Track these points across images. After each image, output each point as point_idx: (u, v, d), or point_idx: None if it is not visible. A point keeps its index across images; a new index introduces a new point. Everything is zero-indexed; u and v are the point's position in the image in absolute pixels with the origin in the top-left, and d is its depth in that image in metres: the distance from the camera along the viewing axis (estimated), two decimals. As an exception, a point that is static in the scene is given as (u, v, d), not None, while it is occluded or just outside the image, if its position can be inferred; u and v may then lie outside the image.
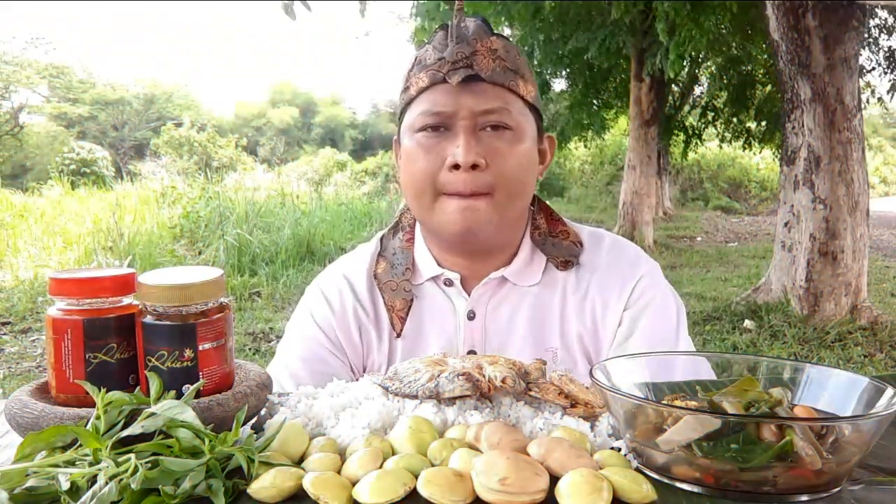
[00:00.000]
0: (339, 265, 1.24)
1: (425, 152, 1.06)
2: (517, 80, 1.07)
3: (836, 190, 5.29)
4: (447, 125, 1.05)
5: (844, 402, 0.71)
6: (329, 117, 38.49)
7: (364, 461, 0.65)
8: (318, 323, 1.17)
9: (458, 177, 1.03)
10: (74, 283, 0.72)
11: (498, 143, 1.05)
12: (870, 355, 4.80)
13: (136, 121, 31.95)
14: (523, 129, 1.08)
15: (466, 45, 1.05)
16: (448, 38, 1.07)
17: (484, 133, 1.05)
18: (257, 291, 6.80)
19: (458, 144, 1.03)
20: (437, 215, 1.07)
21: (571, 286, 1.15)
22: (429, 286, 1.17)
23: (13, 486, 0.61)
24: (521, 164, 1.07)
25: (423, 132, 1.07)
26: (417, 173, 1.07)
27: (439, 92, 1.06)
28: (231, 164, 22.62)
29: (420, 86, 1.07)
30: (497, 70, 1.05)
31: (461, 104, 1.04)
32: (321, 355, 1.15)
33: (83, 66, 32.37)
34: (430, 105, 1.06)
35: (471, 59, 1.04)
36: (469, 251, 1.13)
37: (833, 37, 5.20)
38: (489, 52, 1.06)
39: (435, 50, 1.07)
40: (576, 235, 1.18)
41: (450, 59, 1.05)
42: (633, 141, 10.14)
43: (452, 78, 1.03)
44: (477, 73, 1.04)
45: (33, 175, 23.67)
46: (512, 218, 1.10)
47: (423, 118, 1.06)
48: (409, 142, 1.09)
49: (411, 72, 1.10)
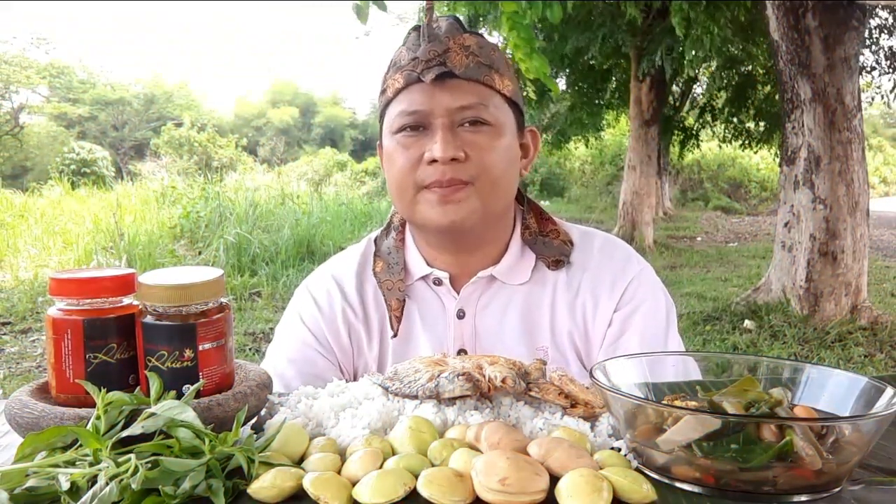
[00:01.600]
0: (328, 266, 1.24)
1: (405, 150, 1.07)
2: (492, 74, 1.08)
3: (836, 190, 5.29)
4: (425, 124, 1.06)
5: (844, 402, 0.71)
6: (329, 117, 38.49)
7: (364, 461, 0.65)
8: (306, 324, 1.17)
9: (436, 168, 1.04)
10: (74, 284, 0.73)
11: (476, 138, 1.05)
12: (870, 355, 4.80)
13: (136, 121, 31.95)
14: (502, 123, 1.08)
15: (439, 43, 1.06)
16: (420, 37, 1.07)
17: (462, 129, 1.06)
18: (257, 291, 6.80)
19: (435, 140, 1.04)
20: (420, 210, 1.08)
21: (562, 285, 1.15)
22: (419, 286, 1.17)
23: (13, 486, 0.61)
24: (501, 157, 1.07)
25: (401, 132, 1.07)
26: (398, 171, 1.08)
27: (415, 91, 1.06)
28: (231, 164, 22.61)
29: (396, 87, 1.08)
30: (471, 66, 1.06)
31: (436, 102, 1.05)
32: (309, 356, 1.15)
33: (83, 66, 32.32)
34: (407, 105, 1.06)
35: (444, 57, 1.05)
36: (457, 248, 1.14)
37: (833, 37, 5.20)
38: (462, 48, 1.06)
39: (408, 50, 1.08)
40: (566, 235, 1.18)
41: (423, 58, 1.05)
42: (633, 141, 10.14)
43: (426, 76, 1.04)
44: (450, 69, 1.04)
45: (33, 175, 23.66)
46: (496, 211, 1.11)
47: (401, 118, 1.07)
48: (389, 143, 1.10)
49: (387, 74, 1.11)
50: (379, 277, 1.17)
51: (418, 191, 1.07)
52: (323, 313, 1.17)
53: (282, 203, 10.11)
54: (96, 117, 30.99)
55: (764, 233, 13.09)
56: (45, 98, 29.39)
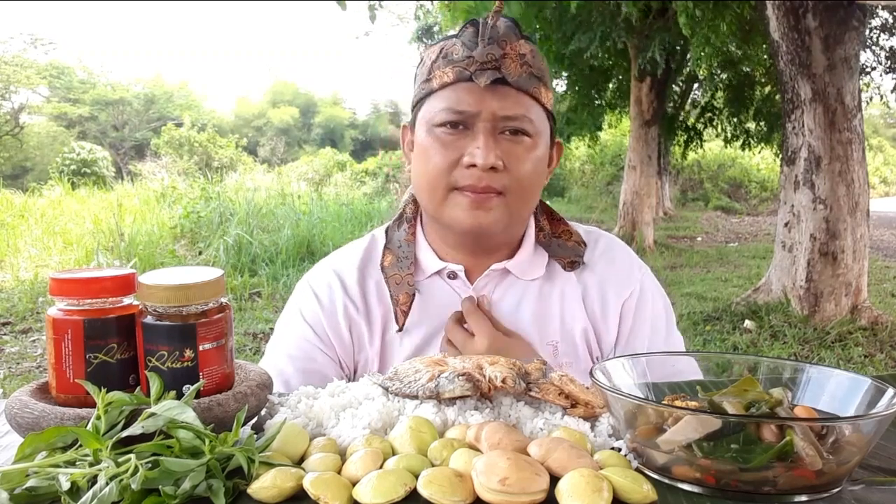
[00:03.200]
0: (329, 260, 1.23)
1: (443, 148, 1.06)
2: (540, 87, 1.08)
3: (836, 190, 5.29)
4: (467, 124, 1.05)
5: (844, 402, 0.71)
6: (329, 117, 38.48)
7: (364, 461, 0.65)
8: (306, 319, 1.17)
9: (472, 173, 1.04)
10: (75, 284, 0.72)
11: (516, 149, 1.05)
12: (870, 355, 4.80)
13: (136, 121, 31.95)
14: (540, 136, 1.08)
15: (497, 46, 1.04)
16: (479, 36, 1.05)
17: (503, 136, 1.05)
18: (257, 291, 6.80)
19: (477, 145, 1.03)
20: (448, 210, 1.07)
21: (571, 283, 1.17)
22: (432, 281, 1.17)
23: (13, 486, 0.61)
24: (535, 170, 1.08)
25: (442, 128, 1.06)
26: (433, 169, 1.06)
27: (464, 90, 1.05)
28: (231, 164, 22.61)
29: (444, 80, 1.06)
30: (523, 76, 1.05)
31: (485, 106, 1.04)
32: (309, 352, 1.14)
33: (83, 66, 32.32)
34: (454, 102, 1.05)
35: (500, 62, 1.04)
36: (474, 247, 1.14)
37: (833, 37, 5.20)
38: (518, 56, 1.05)
39: (464, 46, 1.06)
40: (578, 235, 1.20)
41: (479, 59, 1.04)
42: (633, 141, 10.14)
43: (480, 79, 1.02)
44: (504, 76, 1.03)
45: (34, 175, 23.68)
46: (520, 219, 1.12)
47: (445, 114, 1.05)
48: (425, 135, 1.08)
49: (435, 63, 1.09)
50: (386, 272, 1.16)
51: (450, 191, 1.06)
52: (323, 308, 1.17)
53: (282, 203, 10.11)
54: (96, 117, 30.99)
55: (764, 233, 13.09)
56: (45, 98, 29.40)
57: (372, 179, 20.36)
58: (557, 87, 11.53)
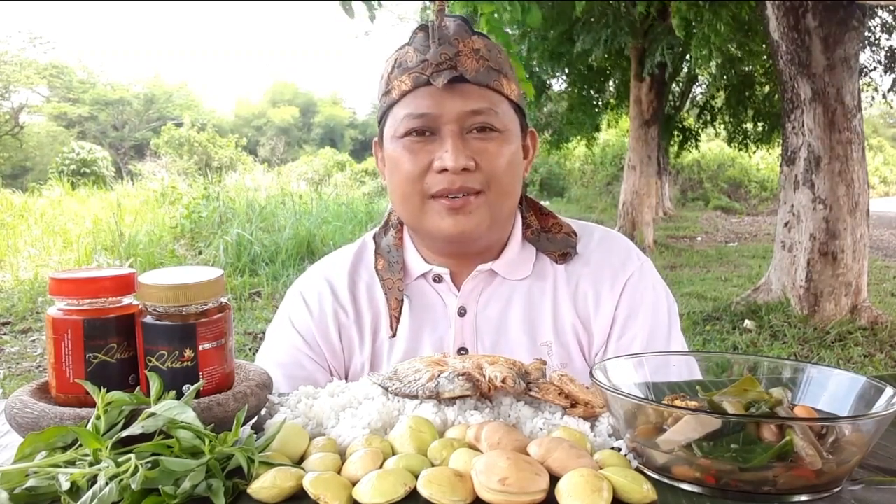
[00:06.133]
0: (320, 267, 1.22)
1: (412, 156, 1.04)
2: (501, 79, 1.06)
3: (836, 190, 5.29)
4: (433, 129, 1.04)
5: (844, 402, 0.71)
6: (329, 117, 38.48)
7: (364, 461, 0.65)
8: (296, 327, 1.16)
9: (445, 177, 1.02)
10: (74, 283, 0.72)
11: (486, 146, 1.04)
12: (870, 355, 4.80)
13: (136, 121, 31.93)
14: (509, 129, 1.07)
15: (449, 45, 1.03)
16: (430, 38, 1.04)
17: (471, 136, 1.04)
18: (257, 291, 6.79)
19: (446, 149, 1.02)
20: (427, 219, 1.06)
21: (563, 278, 1.14)
22: (418, 284, 1.16)
23: (13, 486, 0.61)
24: (510, 163, 1.06)
25: (408, 137, 1.05)
26: (404, 178, 1.05)
27: (423, 95, 1.04)
28: (231, 164, 22.60)
29: (403, 89, 1.05)
30: (481, 70, 1.04)
31: (446, 107, 1.02)
32: (299, 360, 1.14)
33: (83, 66, 32.28)
34: (414, 108, 1.04)
35: (455, 60, 1.03)
36: (460, 252, 1.13)
37: (833, 37, 5.20)
38: (472, 52, 1.04)
39: (417, 52, 1.05)
40: (568, 227, 1.18)
41: (433, 61, 1.03)
42: (633, 141, 10.14)
43: (437, 80, 1.01)
44: (461, 74, 1.02)
45: (33, 175, 23.67)
46: (502, 217, 1.10)
47: (408, 122, 1.04)
48: (393, 147, 1.07)
49: (391, 74, 1.08)
50: (381, 275, 1.15)
51: (425, 199, 1.05)
52: (313, 316, 1.16)
53: (282, 203, 10.11)
54: (96, 117, 30.97)
55: (764, 233, 13.09)
56: (44, 98, 29.37)
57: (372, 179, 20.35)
58: (556, 86, 11.53)
